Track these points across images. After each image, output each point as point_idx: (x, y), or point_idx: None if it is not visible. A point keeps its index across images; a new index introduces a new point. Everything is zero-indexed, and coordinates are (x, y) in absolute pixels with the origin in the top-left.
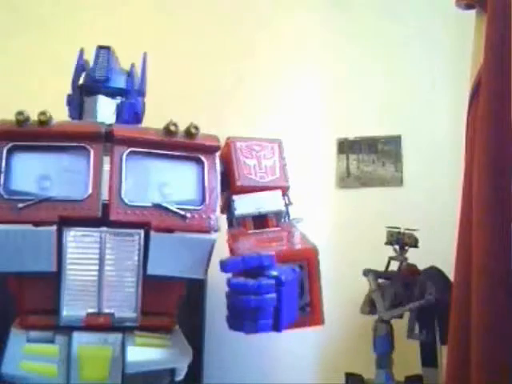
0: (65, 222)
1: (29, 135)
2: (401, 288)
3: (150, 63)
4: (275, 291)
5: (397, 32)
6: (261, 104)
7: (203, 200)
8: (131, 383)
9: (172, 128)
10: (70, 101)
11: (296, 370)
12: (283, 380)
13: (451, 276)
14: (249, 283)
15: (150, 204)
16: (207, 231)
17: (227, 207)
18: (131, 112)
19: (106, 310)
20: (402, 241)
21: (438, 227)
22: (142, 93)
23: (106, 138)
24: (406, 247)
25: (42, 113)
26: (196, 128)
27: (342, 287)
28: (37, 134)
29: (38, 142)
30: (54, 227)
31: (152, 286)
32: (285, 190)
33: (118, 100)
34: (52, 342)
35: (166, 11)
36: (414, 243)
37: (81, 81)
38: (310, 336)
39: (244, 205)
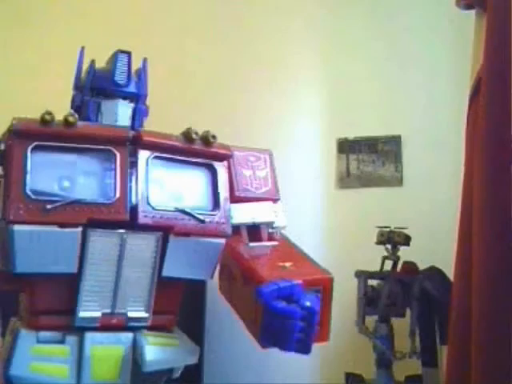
0: (88, 224)
1: (54, 136)
2: (396, 287)
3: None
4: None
5: (397, 32)
6: (261, 104)
7: (215, 206)
8: (137, 382)
9: (194, 136)
10: (81, 102)
11: (296, 370)
12: (283, 380)
13: (451, 276)
14: (297, 310)
15: (172, 208)
16: (222, 236)
17: None
18: (143, 117)
19: (120, 311)
20: (392, 239)
21: (438, 227)
22: (146, 98)
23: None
24: (398, 246)
25: (71, 114)
26: (214, 137)
27: (342, 287)
28: (62, 135)
29: (63, 143)
30: (80, 229)
31: (158, 286)
32: (274, 202)
33: (132, 104)
34: (62, 342)
35: (165, 19)
36: (405, 241)
37: (94, 83)
38: None
39: (240, 214)
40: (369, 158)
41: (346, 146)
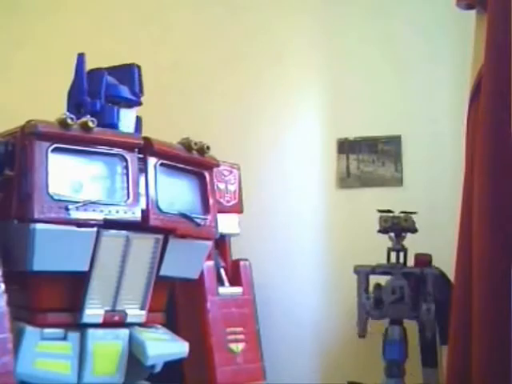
0: (101, 225)
1: (73, 139)
2: (401, 281)
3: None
4: None
5: (397, 32)
6: (262, 104)
7: (206, 210)
8: (131, 376)
9: (194, 146)
10: (100, 108)
11: (296, 380)
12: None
13: (451, 276)
14: None
15: (176, 212)
16: (212, 238)
17: None
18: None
19: (119, 308)
20: (397, 226)
21: (437, 227)
22: None
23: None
24: (403, 233)
25: (91, 120)
26: (208, 148)
27: (342, 287)
28: (81, 139)
29: (79, 147)
30: (95, 229)
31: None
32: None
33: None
34: (64, 339)
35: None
36: (413, 227)
37: (111, 92)
38: (310, 337)
39: None
40: (369, 158)
41: (346, 146)
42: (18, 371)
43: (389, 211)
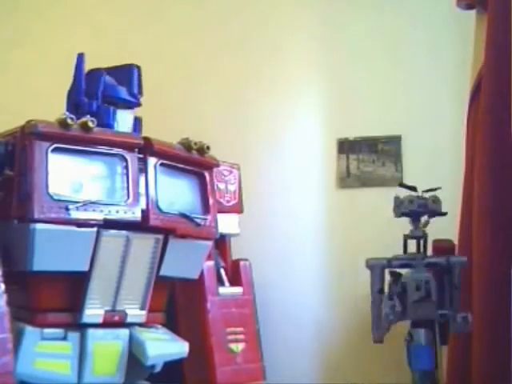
0: (101, 225)
1: (73, 139)
2: (427, 273)
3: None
4: None
5: (397, 32)
6: (262, 104)
7: (206, 210)
8: (131, 376)
9: (194, 146)
10: (97, 109)
11: (295, 375)
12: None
13: None
14: None
15: (176, 212)
16: (212, 238)
17: None
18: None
19: (119, 308)
20: (424, 208)
21: (438, 228)
22: None
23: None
24: (425, 217)
25: (91, 120)
26: (208, 148)
27: (342, 287)
28: (81, 139)
29: (79, 147)
30: (95, 229)
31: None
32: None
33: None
34: (64, 339)
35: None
36: (440, 209)
37: (109, 92)
38: (310, 337)
39: None
40: (369, 158)
41: (346, 146)
42: (17, 371)
43: (413, 188)
